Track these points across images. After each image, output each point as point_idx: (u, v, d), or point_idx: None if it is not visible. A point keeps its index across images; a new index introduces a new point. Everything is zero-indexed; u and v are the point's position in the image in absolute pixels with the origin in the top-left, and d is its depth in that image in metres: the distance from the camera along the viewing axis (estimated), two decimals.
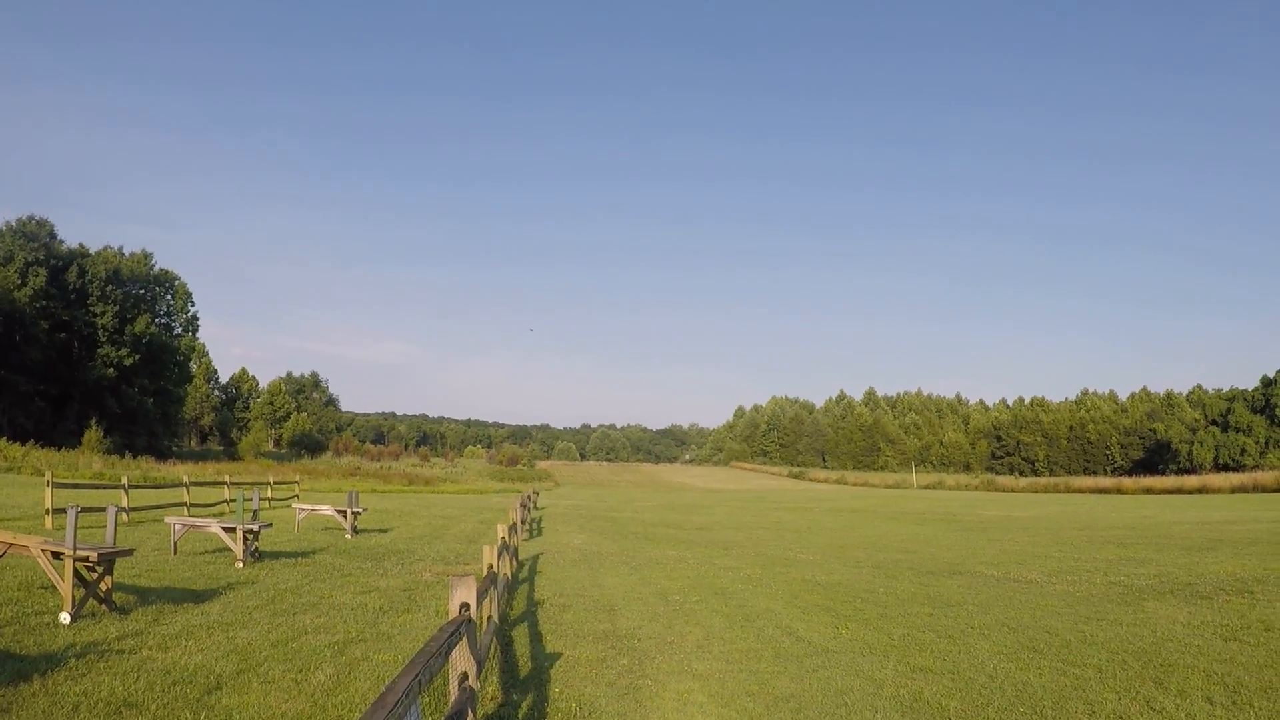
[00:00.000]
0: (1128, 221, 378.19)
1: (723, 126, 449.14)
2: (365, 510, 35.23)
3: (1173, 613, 16.56)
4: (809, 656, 13.26)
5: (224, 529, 21.73)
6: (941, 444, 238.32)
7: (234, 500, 35.13)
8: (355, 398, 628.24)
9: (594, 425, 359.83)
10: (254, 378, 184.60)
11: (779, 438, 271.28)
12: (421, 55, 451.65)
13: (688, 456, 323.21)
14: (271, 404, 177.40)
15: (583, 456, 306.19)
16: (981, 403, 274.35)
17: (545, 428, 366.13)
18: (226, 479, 45.47)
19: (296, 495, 51.35)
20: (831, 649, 13.81)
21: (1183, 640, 14.05)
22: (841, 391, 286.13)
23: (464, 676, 8.41)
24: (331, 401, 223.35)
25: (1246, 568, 22.83)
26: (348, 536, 30.57)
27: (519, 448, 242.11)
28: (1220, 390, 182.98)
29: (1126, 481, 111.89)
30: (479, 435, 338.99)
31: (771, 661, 12.91)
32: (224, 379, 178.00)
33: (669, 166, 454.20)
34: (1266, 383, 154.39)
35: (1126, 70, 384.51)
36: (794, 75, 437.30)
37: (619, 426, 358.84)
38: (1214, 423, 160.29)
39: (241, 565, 20.88)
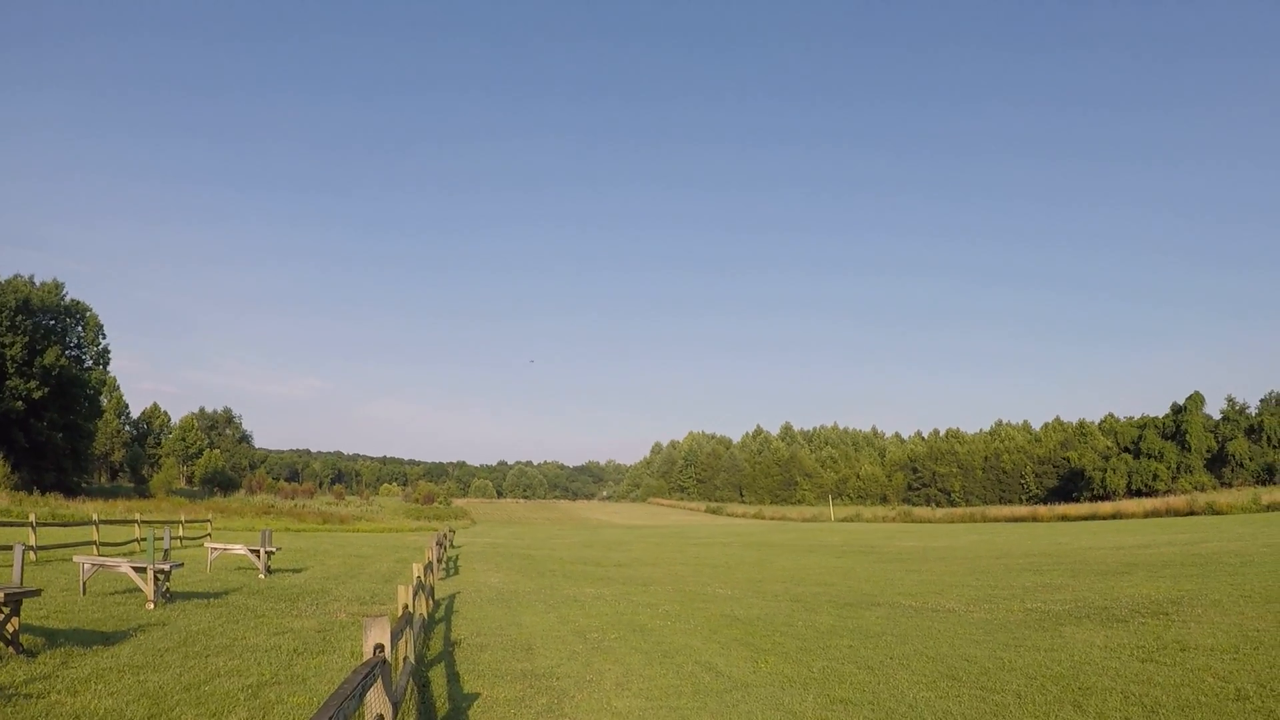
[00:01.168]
0: (1034, 258, 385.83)
1: (631, 172, 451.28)
2: (279, 549, 34.75)
3: (1089, 636, 16.67)
4: (728, 691, 13.16)
5: (134, 569, 21.29)
6: (858, 477, 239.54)
7: (145, 539, 34.45)
8: (269, 434, 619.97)
9: (511, 462, 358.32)
10: (166, 413, 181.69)
11: (696, 473, 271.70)
12: (340, 100, 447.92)
13: (605, 493, 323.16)
14: (183, 440, 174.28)
15: (500, 494, 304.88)
16: (897, 435, 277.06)
17: (462, 465, 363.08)
18: (137, 517, 44.62)
19: (209, 534, 50.62)
20: (751, 683, 13.72)
21: (1100, 663, 14.13)
22: (758, 426, 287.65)
23: (379, 719, 8.21)
24: (245, 438, 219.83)
25: (1161, 590, 23.11)
26: (261, 576, 30.08)
27: (435, 485, 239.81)
28: (1132, 418, 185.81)
29: (1042, 509, 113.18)
30: (395, 473, 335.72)
31: (691, 697, 12.79)
32: (135, 414, 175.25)
33: (582, 211, 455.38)
34: (1177, 410, 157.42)
35: (1030, 107, 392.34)
36: (698, 121, 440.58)
37: (536, 463, 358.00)
38: (1126, 450, 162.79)
39: (152, 606, 20.45)
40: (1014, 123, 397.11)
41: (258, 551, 31.37)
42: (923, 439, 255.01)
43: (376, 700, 8.19)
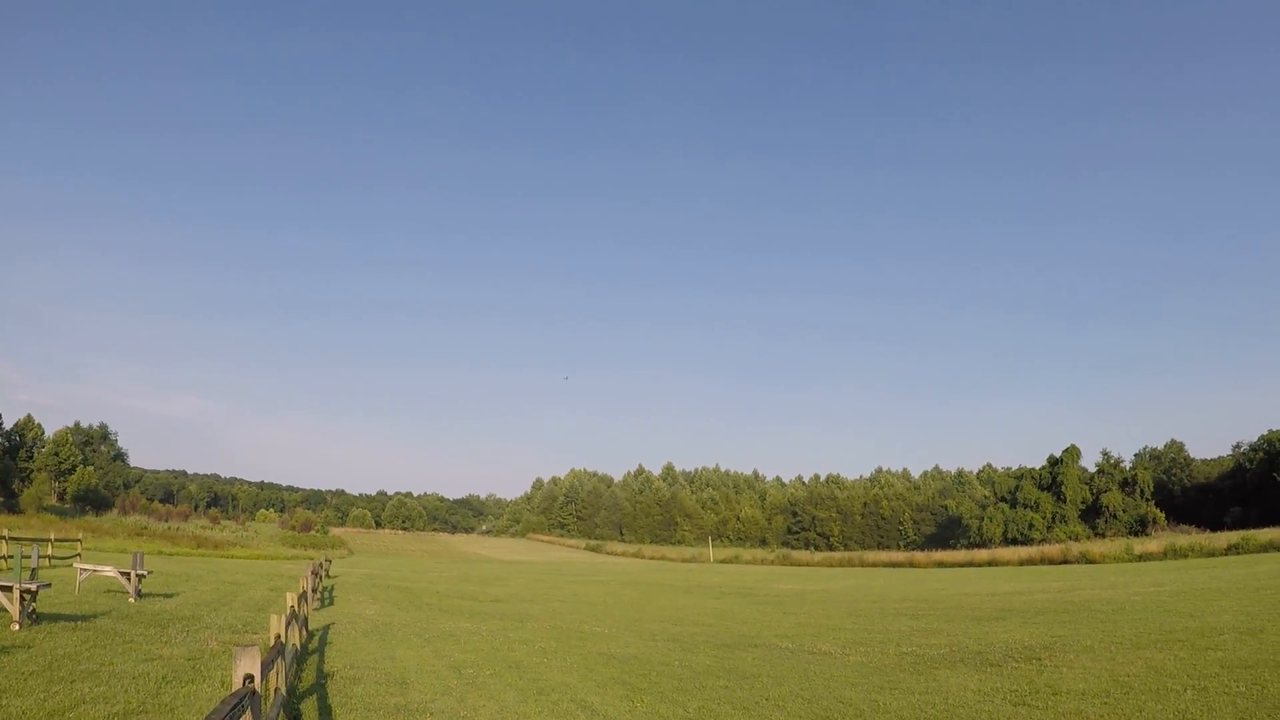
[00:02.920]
0: (911, 312, 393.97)
1: (524, 222, 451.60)
2: (150, 573, 33.90)
3: (964, 680, 16.79)
4: None
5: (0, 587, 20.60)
6: (738, 519, 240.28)
7: (12, 556, 33.49)
8: (145, 453, 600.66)
9: (390, 492, 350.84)
10: (40, 425, 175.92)
11: (577, 510, 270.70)
12: (228, 97, 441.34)
13: (485, 527, 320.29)
14: (57, 455, 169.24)
15: (378, 524, 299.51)
16: (778, 479, 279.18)
17: (341, 493, 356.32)
18: (5, 533, 43.32)
19: (79, 554, 49.33)
20: None
21: (973, 706, 14.22)
22: (640, 465, 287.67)
23: None
24: (120, 456, 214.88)
25: (1034, 635, 23.41)
26: (131, 600, 29.33)
27: (313, 513, 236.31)
28: (1009, 469, 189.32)
29: (919, 555, 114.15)
30: (272, 499, 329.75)
31: None
32: (8, 425, 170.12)
33: (470, 253, 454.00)
34: (1053, 462, 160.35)
35: (908, 171, 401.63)
36: (595, 176, 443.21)
37: (416, 495, 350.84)
38: (1003, 499, 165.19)
39: (17, 627, 19.85)
40: (887, 188, 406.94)
41: (129, 574, 30.55)
42: (803, 483, 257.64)
43: None
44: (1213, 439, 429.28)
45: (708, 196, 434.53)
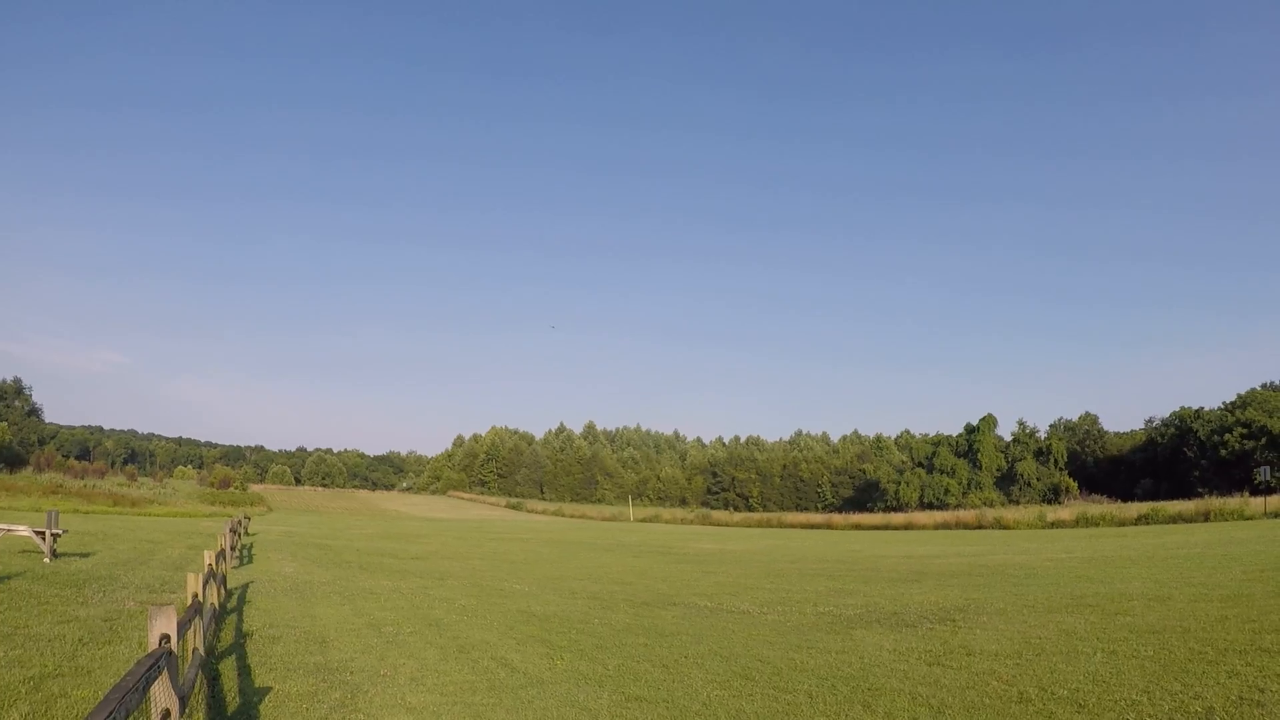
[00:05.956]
0: (832, 282, 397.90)
1: (444, 185, 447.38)
2: (66, 532, 33.51)
3: (879, 640, 17.02)
4: (524, 688, 13.11)
5: None
6: (659, 478, 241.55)
7: None
8: (60, 409, 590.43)
9: (310, 449, 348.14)
10: None
11: (498, 468, 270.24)
12: (137, 62, 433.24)
13: (405, 484, 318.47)
14: None
15: (298, 481, 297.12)
16: (699, 440, 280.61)
17: (260, 449, 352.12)
18: None
19: None
20: (546, 680, 13.68)
21: (889, 666, 14.43)
22: (561, 424, 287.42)
23: (166, 714, 7.92)
24: (34, 411, 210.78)
25: (949, 598, 23.74)
26: (46, 560, 28.97)
27: (232, 470, 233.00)
28: (927, 435, 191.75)
29: (837, 518, 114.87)
30: (190, 455, 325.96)
31: (486, 694, 12.70)
32: None
33: (387, 189, 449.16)
34: (970, 430, 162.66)
35: (833, 141, 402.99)
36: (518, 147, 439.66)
37: (336, 451, 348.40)
38: (920, 465, 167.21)
39: None
40: (808, 159, 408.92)
41: (43, 533, 30.17)
42: (724, 444, 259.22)
43: (162, 694, 7.89)
44: (1126, 413, 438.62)
45: (632, 162, 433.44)
